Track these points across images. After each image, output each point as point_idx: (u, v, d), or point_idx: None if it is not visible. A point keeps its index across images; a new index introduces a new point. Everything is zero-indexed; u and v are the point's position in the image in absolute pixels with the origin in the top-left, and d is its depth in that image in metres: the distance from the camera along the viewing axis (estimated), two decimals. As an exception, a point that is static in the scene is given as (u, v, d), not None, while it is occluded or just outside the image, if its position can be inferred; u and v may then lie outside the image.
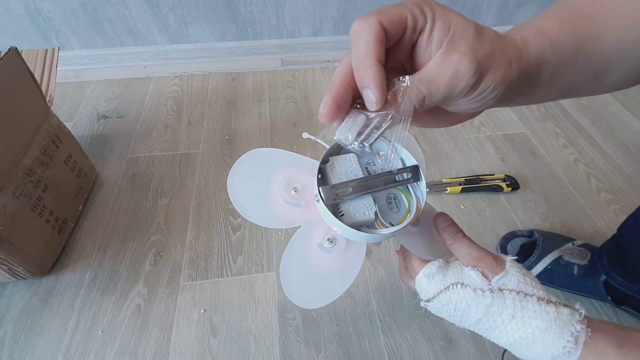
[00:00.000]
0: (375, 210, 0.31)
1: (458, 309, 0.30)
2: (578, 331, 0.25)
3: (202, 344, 0.58)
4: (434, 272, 0.31)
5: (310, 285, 0.33)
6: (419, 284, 0.33)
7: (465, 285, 0.29)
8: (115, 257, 0.68)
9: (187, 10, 0.98)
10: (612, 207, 0.76)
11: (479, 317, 0.28)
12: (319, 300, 0.33)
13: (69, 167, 0.71)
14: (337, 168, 0.33)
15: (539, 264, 0.63)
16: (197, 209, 0.76)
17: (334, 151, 0.35)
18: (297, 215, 0.34)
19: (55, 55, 0.71)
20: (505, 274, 0.29)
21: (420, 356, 0.57)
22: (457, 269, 0.31)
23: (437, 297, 0.31)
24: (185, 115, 0.97)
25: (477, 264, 0.30)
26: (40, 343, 0.58)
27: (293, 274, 0.32)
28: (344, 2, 1.01)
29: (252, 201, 0.34)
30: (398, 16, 0.22)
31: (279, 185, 0.34)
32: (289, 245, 0.33)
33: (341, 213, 0.31)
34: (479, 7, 1.08)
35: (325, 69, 1.13)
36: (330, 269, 0.33)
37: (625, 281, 0.56)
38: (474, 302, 0.28)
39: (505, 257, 0.30)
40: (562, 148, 0.90)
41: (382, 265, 0.67)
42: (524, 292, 0.27)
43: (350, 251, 0.33)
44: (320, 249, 0.33)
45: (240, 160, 0.35)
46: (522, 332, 0.26)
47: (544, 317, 0.26)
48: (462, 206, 0.77)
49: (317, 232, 0.33)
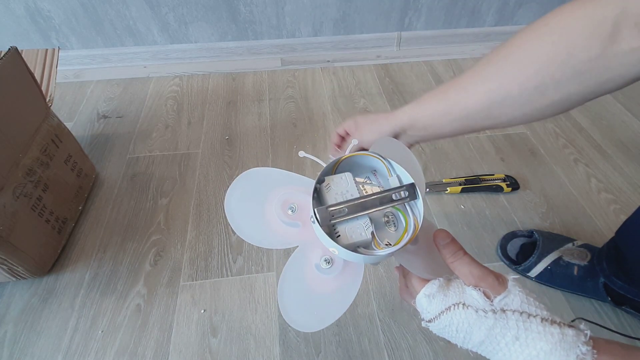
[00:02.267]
0: (371, 230, 0.31)
1: (460, 330, 0.29)
2: (584, 353, 0.24)
3: (202, 344, 0.58)
4: (435, 292, 0.31)
5: (309, 307, 0.32)
6: (420, 304, 0.32)
7: (467, 305, 0.29)
8: (115, 257, 0.68)
9: (187, 10, 0.98)
10: (612, 207, 0.76)
11: (481, 339, 0.28)
12: (318, 323, 0.32)
13: (69, 167, 0.71)
14: (332, 188, 0.32)
15: (539, 264, 0.63)
16: (197, 209, 0.76)
17: (329, 170, 0.35)
18: (295, 236, 0.33)
19: (55, 55, 0.71)
20: (508, 293, 0.28)
21: (420, 356, 0.57)
22: (458, 289, 0.30)
23: (438, 318, 0.30)
24: (186, 115, 0.97)
25: (478, 284, 0.29)
26: (40, 343, 0.58)
27: (290, 297, 0.32)
28: (344, 2, 1.01)
29: (249, 222, 0.34)
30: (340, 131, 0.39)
31: (275, 205, 0.33)
32: (286, 267, 0.32)
33: (337, 234, 0.31)
34: (479, 7, 1.08)
35: (325, 69, 1.13)
36: (328, 290, 0.32)
37: (624, 284, 0.56)
38: (477, 323, 0.28)
39: (507, 275, 0.30)
40: (562, 148, 0.90)
41: (382, 265, 0.67)
42: (527, 312, 0.27)
43: (348, 271, 0.33)
44: (318, 269, 0.32)
45: (237, 180, 0.35)
46: (527, 354, 0.26)
47: (548, 338, 0.25)
48: (462, 206, 0.77)
49: (314, 253, 0.33)
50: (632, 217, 0.55)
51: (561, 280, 0.62)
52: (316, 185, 0.33)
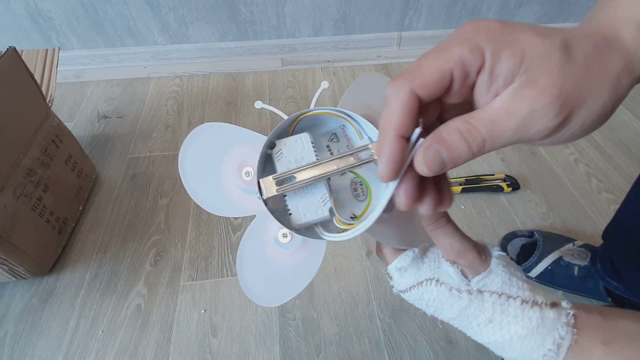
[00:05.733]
0: (330, 206, 0.26)
1: (430, 305, 0.27)
2: (562, 337, 0.23)
3: (202, 344, 0.58)
4: (407, 265, 0.28)
5: (268, 282, 0.29)
6: (391, 274, 0.30)
7: (441, 282, 0.26)
8: (116, 257, 0.68)
9: (188, 10, 0.98)
10: (612, 207, 0.76)
11: (452, 316, 0.26)
12: (277, 298, 0.29)
13: (70, 167, 0.71)
14: (284, 154, 0.26)
15: (539, 264, 0.63)
16: (197, 209, 0.76)
17: (284, 131, 0.28)
18: (252, 204, 0.28)
19: (56, 55, 0.71)
20: (489, 273, 0.25)
21: (420, 356, 0.57)
22: (434, 262, 0.28)
23: (409, 291, 0.29)
24: (186, 115, 0.97)
25: (457, 260, 0.26)
26: (41, 343, 0.58)
27: (249, 270, 0.29)
28: (344, 2, 1.01)
29: (205, 185, 0.29)
30: (439, 75, 0.18)
31: (231, 168, 0.29)
32: (244, 237, 0.29)
33: (289, 212, 0.26)
34: (479, 7, 1.08)
35: (325, 69, 1.13)
36: (289, 265, 0.29)
37: (619, 285, 0.56)
38: (448, 301, 0.26)
39: (492, 250, 0.27)
40: (563, 148, 0.89)
41: (382, 265, 0.67)
42: (507, 294, 0.25)
43: (309, 247, 0.29)
44: (276, 243, 0.29)
45: (191, 136, 0.30)
46: (499, 336, 0.24)
47: (525, 323, 0.23)
48: (463, 206, 0.77)
49: (273, 224, 0.28)
50: (615, 218, 0.55)
51: (562, 280, 0.62)
52: (268, 151, 0.27)
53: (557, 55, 0.17)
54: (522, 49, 0.17)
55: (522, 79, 0.17)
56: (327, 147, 0.29)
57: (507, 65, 0.17)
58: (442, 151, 0.19)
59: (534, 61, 0.17)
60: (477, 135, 0.18)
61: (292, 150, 0.27)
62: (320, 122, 0.30)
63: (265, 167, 0.28)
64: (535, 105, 0.17)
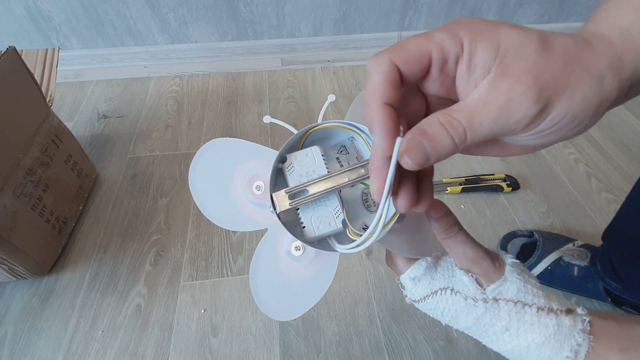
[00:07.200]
0: (342, 218, 0.26)
1: (445, 314, 0.27)
2: (579, 344, 0.23)
3: (202, 344, 0.58)
4: (421, 275, 0.28)
5: (281, 295, 0.29)
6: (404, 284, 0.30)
7: (456, 292, 0.26)
8: (116, 257, 0.68)
9: (188, 10, 0.98)
10: (612, 207, 0.76)
11: (468, 325, 0.26)
12: (291, 312, 0.29)
13: (69, 167, 0.71)
14: (296, 168, 0.27)
15: (539, 264, 0.63)
16: (197, 208, 0.75)
17: (294, 145, 0.28)
18: (263, 217, 0.29)
19: (56, 55, 0.71)
20: (504, 281, 0.25)
21: (420, 356, 0.57)
22: (447, 271, 0.28)
23: (423, 300, 0.28)
24: (186, 115, 0.97)
25: (471, 268, 0.26)
26: (41, 343, 0.58)
27: (263, 284, 0.29)
28: (344, 2, 1.01)
29: (215, 200, 0.29)
30: (417, 51, 0.19)
31: (242, 182, 0.29)
32: (256, 251, 0.29)
33: (302, 225, 0.26)
34: (479, 7, 1.08)
35: (325, 69, 1.13)
36: (301, 278, 0.29)
37: (619, 286, 0.56)
38: (464, 310, 0.26)
39: (505, 257, 0.27)
40: (563, 148, 0.89)
41: (382, 265, 0.67)
42: (522, 302, 0.25)
43: (322, 259, 0.29)
44: (289, 256, 0.29)
45: (202, 151, 0.30)
46: (516, 344, 0.24)
47: (541, 331, 0.23)
48: (463, 206, 0.77)
49: (285, 237, 0.28)
50: (615, 220, 0.55)
51: (562, 280, 0.62)
52: (279, 166, 0.27)
53: (532, 47, 0.18)
54: (498, 41, 0.18)
55: (498, 69, 0.18)
56: (337, 159, 0.30)
57: (483, 56, 0.18)
58: (424, 143, 0.19)
59: (509, 51, 0.18)
60: (458, 126, 0.18)
61: (303, 163, 0.27)
62: (329, 135, 0.30)
63: (277, 181, 0.28)
64: (511, 94, 0.17)
